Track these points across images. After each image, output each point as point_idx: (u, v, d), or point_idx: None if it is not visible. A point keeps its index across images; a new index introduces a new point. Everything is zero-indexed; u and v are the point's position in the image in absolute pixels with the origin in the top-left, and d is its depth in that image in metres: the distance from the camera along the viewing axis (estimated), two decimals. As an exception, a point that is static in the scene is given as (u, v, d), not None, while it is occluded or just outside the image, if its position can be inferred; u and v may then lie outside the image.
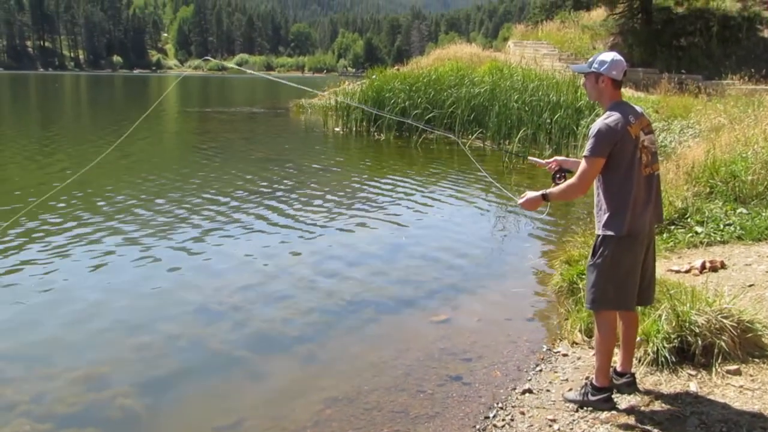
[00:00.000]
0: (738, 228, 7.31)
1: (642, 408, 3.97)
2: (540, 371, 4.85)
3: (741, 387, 4.10)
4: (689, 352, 4.38)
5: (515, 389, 4.59)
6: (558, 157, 4.51)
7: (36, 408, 4.45)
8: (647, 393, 4.13)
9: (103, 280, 6.93)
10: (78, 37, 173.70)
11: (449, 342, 5.50)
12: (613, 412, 3.97)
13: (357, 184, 12.81)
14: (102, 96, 52.32)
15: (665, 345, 4.38)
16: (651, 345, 4.45)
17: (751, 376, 4.22)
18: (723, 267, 6.26)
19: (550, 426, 4.00)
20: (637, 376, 4.26)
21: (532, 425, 4.05)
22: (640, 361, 4.46)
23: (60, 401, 4.55)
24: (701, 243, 7.09)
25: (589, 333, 5.01)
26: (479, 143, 17.67)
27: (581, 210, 9.72)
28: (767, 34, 24.90)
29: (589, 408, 4.05)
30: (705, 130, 13.51)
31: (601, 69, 3.82)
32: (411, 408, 4.41)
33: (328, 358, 5.32)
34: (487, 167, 14.08)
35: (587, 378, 4.32)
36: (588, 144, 3.77)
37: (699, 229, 7.34)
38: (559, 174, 4.32)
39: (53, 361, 5.16)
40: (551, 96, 18.24)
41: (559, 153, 13.42)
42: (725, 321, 4.34)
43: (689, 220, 7.61)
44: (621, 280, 3.81)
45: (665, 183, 8.28)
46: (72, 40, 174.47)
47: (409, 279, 7.13)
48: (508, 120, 17.98)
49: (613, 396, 4.06)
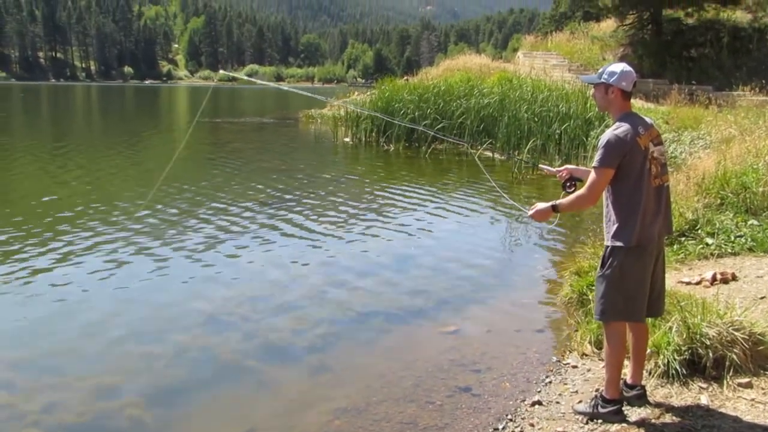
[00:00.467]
0: (749, 239, 7.27)
1: (653, 421, 3.95)
2: (550, 383, 4.82)
3: (752, 400, 4.07)
4: (700, 364, 4.34)
5: (525, 401, 4.57)
6: (569, 166, 4.50)
7: (46, 418, 4.47)
8: (658, 405, 4.10)
9: (114, 290, 6.95)
10: (89, 48, 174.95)
11: (458, 353, 5.48)
12: (624, 424, 3.94)
13: (367, 194, 12.83)
14: (113, 106, 52.66)
15: (676, 357, 4.35)
16: (661, 357, 4.42)
17: (763, 389, 4.18)
18: (734, 279, 6.22)
19: (559, 438, 3.98)
20: (648, 388, 4.23)
21: (541, 437, 4.03)
22: (650, 374, 4.43)
23: (70, 411, 4.57)
24: (712, 255, 7.05)
25: (599, 345, 4.99)
26: (488, 154, 17.67)
27: (591, 221, 9.70)
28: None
29: (599, 420, 4.03)
30: (715, 141, 13.45)
31: (611, 80, 3.82)
32: (420, 419, 4.40)
33: (337, 368, 5.32)
34: (497, 178, 14.07)
35: (597, 390, 4.30)
36: (597, 155, 3.76)
37: (710, 241, 7.30)
38: (570, 183, 4.32)
39: (63, 371, 5.18)
40: (561, 107, 18.23)
41: (569, 164, 13.38)
42: (736, 333, 4.31)
43: (700, 231, 7.56)
44: (630, 291, 3.79)
45: (676, 194, 8.25)
46: (83, 50, 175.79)
47: (419, 289, 7.12)
48: (517, 131, 17.99)
49: (624, 408, 4.03)
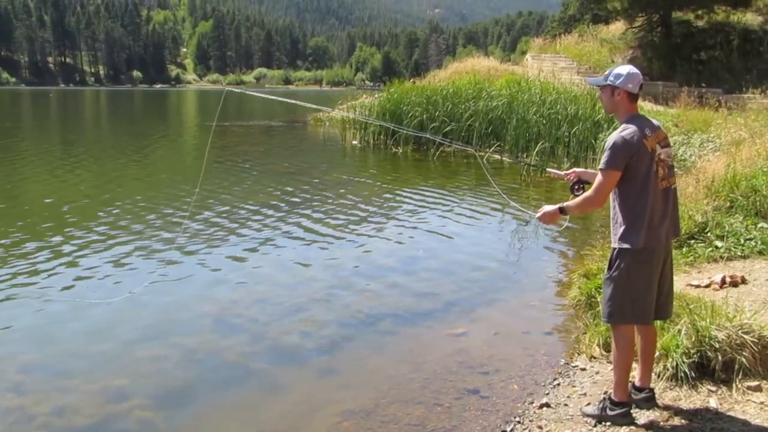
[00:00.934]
0: (759, 243, 7.24)
1: (661, 423, 3.93)
2: (558, 385, 4.81)
3: (761, 403, 4.05)
4: (709, 367, 4.33)
5: (533, 403, 4.56)
6: (577, 169, 4.50)
7: (55, 420, 4.50)
8: (666, 408, 4.09)
9: (122, 292, 6.97)
10: (98, 53, 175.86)
11: (466, 355, 5.48)
12: (632, 427, 3.93)
13: (375, 197, 12.84)
14: (122, 111, 52.89)
15: (685, 360, 4.34)
16: (670, 360, 4.41)
17: (773, 392, 4.16)
18: (743, 282, 6.20)
19: (568, 441, 3.98)
20: (657, 391, 4.22)
21: (549, 440, 4.02)
22: (659, 377, 4.42)
23: (78, 413, 4.59)
24: (721, 258, 7.03)
25: (608, 347, 4.98)
26: (497, 156, 17.65)
27: (599, 223, 9.67)
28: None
29: (608, 423, 4.01)
30: (725, 143, 13.40)
31: (617, 82, 3.82)
32: (428, 421, 4.40)
33: (345, 370, 5.33)
34: (505, 180, 14.08)
35: (605, 392, 4.28)
36: (603, 157, 3.76)
37: (719, 244, 7.28)
38: (578, 185, 4.32)
39: (73, 374, 5.21)
40: (569, 109, 18.21)
41: (578, 166, 13.36)
42: (746, 336, 4.29)
43: (709, 234, 7.54)
44: (637, 293, 3.78)
45: (685, 197, 8.23)
46: (92, 55, 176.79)
47: (427, 292, 7.13)
48: (526, 133, 17.98)
49: (632, 411, 4.02)
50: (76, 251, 8.43)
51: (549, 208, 4.05)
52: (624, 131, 3.74)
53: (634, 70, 3.83)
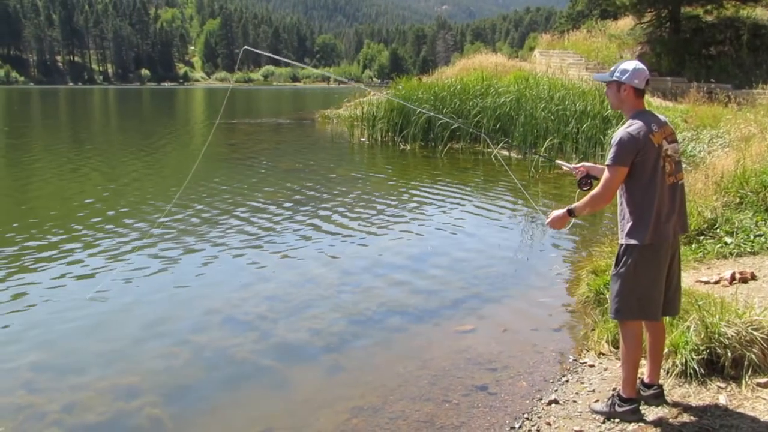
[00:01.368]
0: (769, 239, 7.20)
1: (670, 420, 3.93)
2: (566, 382, 4.81)
3: (771, 399, 4.04)
4: (718, 364, 4.32)
5: (541, 400, 4.56)
6: (586, 163, 4.49)
7: (66, 417, 4.52)
8: (675, 405, 4.08)
9: (132, 290, 7.02)
10: (107, 51, 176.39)
11: (475, 352, 5.48)
12: (641, 423, 3.93)
13: (383, 194, 12.84)
14: (131, 109, 53.07)
15: (694, 357, 4.33)
16: (679, 356, 4.40)
17: (782, 388, 4.15)
18: (753, 278, 6.17)
19: (576, 437, 3.97)
20: (665, 387, 4.21)
21: (558, 437, 4.02)
22: (668, 373, 4.41)
23: (89, 411, 4.62)
24: (731, 254, 7.00)
25: (616, 344, 4.97)
26: (505, 152, 17.62)
27: (607, 219, 9.65)
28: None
29: (616, 419, 4.01)
30: (735, 139, 13.32)
31: (623, 78, 3.81)
32: (436, 418, 4.40)
33: (353, 367, 5.34)
34: (514, 176, 14.04)
35: (614, 389, 4.28)
36: (610, 153, 3.75)
37: (728, 240, 7.25)
38: (585, 180, 4.31)
39: (83, 371, 5.23)
40: (578, 105, 18.14)
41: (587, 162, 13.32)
42: (755, 333, 4.28)
43: (718, 230, 7.51)
44: (645, 289, 3.78)
45: (694, 193, 8.20)
46: (101, 54, 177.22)
47: (435, 288, 7.13)
48: (534, 129, 17.93)
49: (641, 408, 4.02)
50: (84, 249, 8.48)
51: (557, 212, 4.04)
52: (630, 127, 3.73)
53: (640, 65, 3.81)
